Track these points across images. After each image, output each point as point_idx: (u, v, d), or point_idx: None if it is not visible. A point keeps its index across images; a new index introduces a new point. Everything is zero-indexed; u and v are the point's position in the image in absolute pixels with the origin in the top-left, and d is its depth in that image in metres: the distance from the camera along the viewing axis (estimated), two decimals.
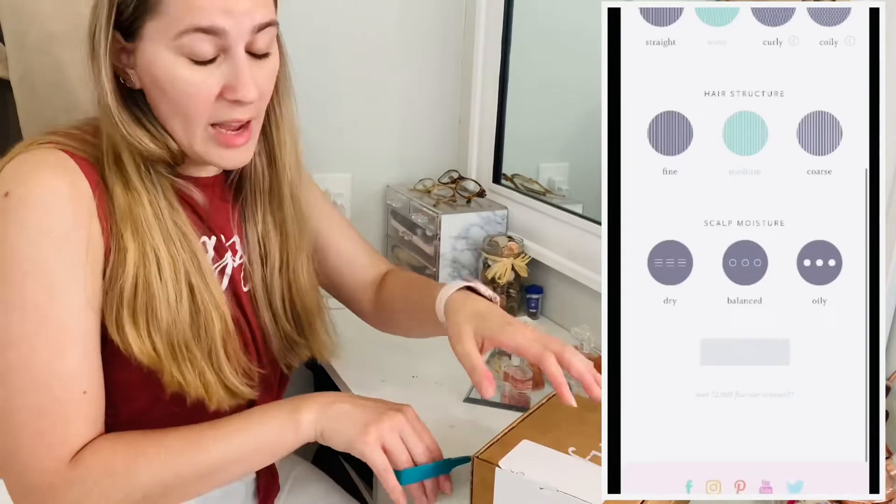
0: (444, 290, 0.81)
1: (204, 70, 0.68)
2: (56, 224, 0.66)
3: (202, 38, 0.67)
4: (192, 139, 0.72)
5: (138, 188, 0.71)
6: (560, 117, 1.50)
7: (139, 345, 0.70)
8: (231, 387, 0.76)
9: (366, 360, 1.07)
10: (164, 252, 0.71)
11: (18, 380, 0.65)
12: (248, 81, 0.69)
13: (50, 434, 0.66)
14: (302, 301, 0.87)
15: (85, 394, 0.67)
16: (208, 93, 0.69)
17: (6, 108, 1.04)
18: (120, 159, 0.71)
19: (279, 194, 0.84)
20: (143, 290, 0.70)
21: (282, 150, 0.82)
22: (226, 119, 0.71)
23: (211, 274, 0.76)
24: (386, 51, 1.44)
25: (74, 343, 0.67)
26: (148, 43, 0.68)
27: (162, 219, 0.72)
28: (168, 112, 0.71)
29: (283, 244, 0.85)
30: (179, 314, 0.72)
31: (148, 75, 0.70)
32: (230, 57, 0.69)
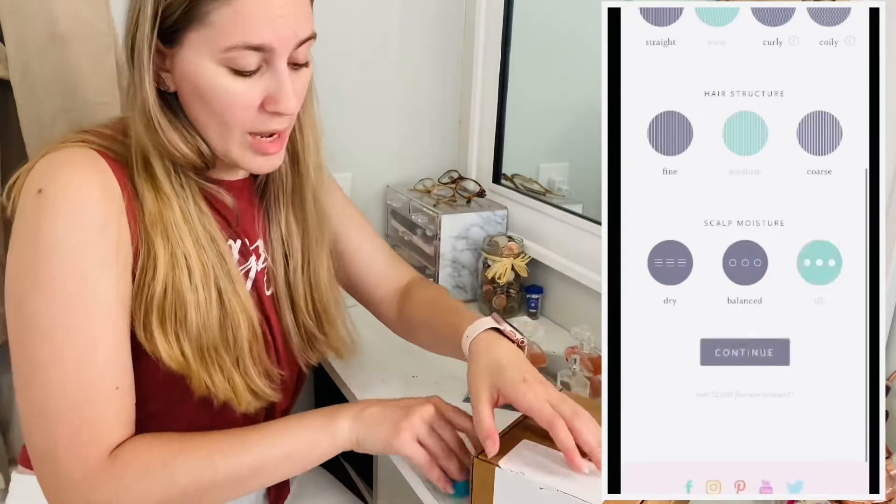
0: (471, 329, 0.80)
1: (247, 81, 0.69)
2: (88, 218, 0.66)
3: (249, 53, 0.67)
4: (228, 145, 0.73)
5: (168, 192, 0.72)
6: (560, 117, 1.50)
7: (168, 350, 0.70)
8: (256, 389, 0.77)
9: (366, 360, 1.07)
10: (194, 257, 0.72)
11: (54, 372, 0.65)
12: (290, 94, 0.70)
13: (87, 429, 0.66)
14: (322, 298, 0.88)
15: (118, 389, 0.68)
16: (250, 103, 0.70)
17: (6, 108, 1.04)
18: (150, 163, 0.72)
19: (301, 194, 0.85)
20: (174, 295, 0.70)
21: (305, 151, 0.83)
22: (264, 129, 0.72)
23: (239, 278, 0.77)
24: (386, 51, 1.44)
25: (105, 335, 0.67)
26: (189, 51, 0.68)
27: (191, 223, 0.73)
28: (206, 118, 0.71)
29: (305, 243, 0.86)
30: (209, 319, 0.73)
31: (187, 82, 0.70)
32: (273, 69, 0.69)
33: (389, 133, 1.50)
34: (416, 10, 1.44)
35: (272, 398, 0.80)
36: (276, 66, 0.69)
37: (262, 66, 0.69)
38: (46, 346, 0.65)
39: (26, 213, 0.67)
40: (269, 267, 0.85)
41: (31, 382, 0.66)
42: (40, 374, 0.65)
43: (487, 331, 0.79)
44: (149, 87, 0.69)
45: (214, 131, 0.72)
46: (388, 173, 1.51)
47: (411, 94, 1.49)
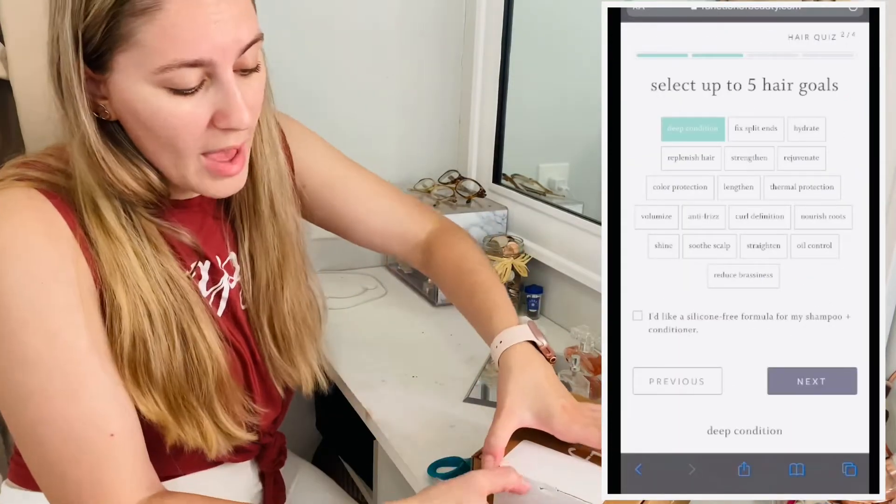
0: (506, 336, 0.78)
1: (191, 100, 0.62)
2: (42, 267, 0.62)
3: (187, 70, 0.60)
4: (184, 172, 0.66)
5: (120, 236, 0.66)
6: (560, 117, 1.50)
7: (143, 403, 0.67)
8: (227, 431, 0.74)
9: (366, 360, 1.07)
10: (154, 303, 0.67)
11: (44, 432, 0.63)
12: (240, 107, 0.63)
13: (90, 483, 0.63)
14: (283, 326, 0.82)
15: (113, 437, 0.64)
16: (198, 124, 0.63)
17: (6, 108, 1.04)
18: (97, 206, 0.65)
19: (258, 208, 0.78)
20: (141, 347, 0.66)
21: (260, 159, 0.76)
22: (218, 147, 0.66)
23: (204, 316, 0.71)
24: (386, 51, 1.44)
25: (85, 385, 0.63)
26: (121, 75, 0.61)
27: (147, 266, 0.68)
28: (154, 147, 0.65)
29: (265, 264, 0.80)
30: (172, 366, 0.68)
31: (126, 110, 0.63)
32: (218, 82, 0.62)
33: (389, 133, 1.50)
34: (416, 9, 1.44)
35: (247, 439, 0.77)
36: (221, 78, 0.62)
37: (206, 81, 0.62)
38: (31, 408, 0.63)
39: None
40: (244, 280, 0.81)
41: (29, 443, 0.64)
42: (34, 436, 0.63)
43: (524, 344, 0.77)
44: (86, 120, 0.62)
45: (166, 160, 0.65)
46: (388, 173, 1.50)
47: (411, 93, 1.49)
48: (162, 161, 0.66)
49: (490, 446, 0.70)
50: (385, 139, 1.49)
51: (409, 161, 1.52)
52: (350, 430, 1.22)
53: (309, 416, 1.51)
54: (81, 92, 0.61)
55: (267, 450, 0.89)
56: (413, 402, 0.98)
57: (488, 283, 0.87)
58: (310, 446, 1.52)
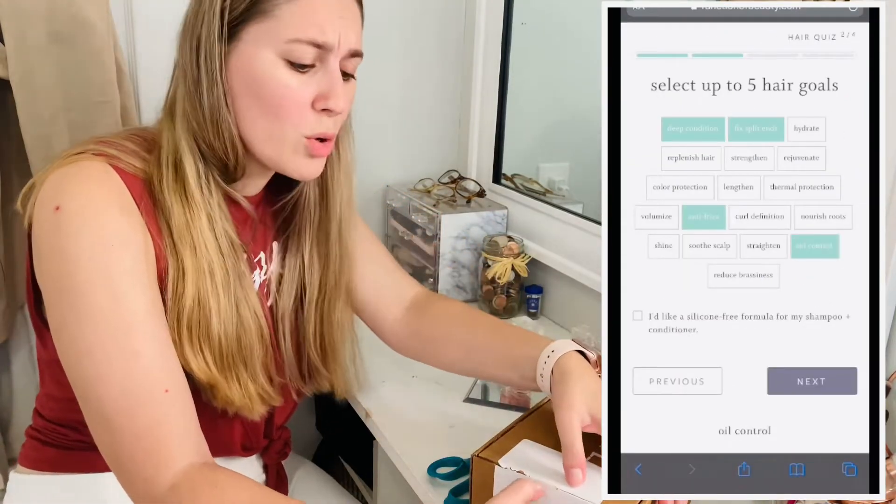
0: (557, 346, 0.77)
1: (301, 77, 0.70)
2: (112, 233, 0.66)
3: (309, 48, 0.69)
4: (280, 145, 0.73)
5: (196, 198, 0.72)
6: (560, 117, 1.50)
7: (196, 362, 0.71)
8: (264, 395, 0.78)
9: (366, 360, 1.07)
10: (217, 263, 0.72)
11: (102, 389, 0.65)
12: (341, 93, 0.72)
13: (145, 437, 0.65)
14: (332, 334, 0.88)
15: (167, 392, 0.67)
16: (303, 98, 0.71)
17: (6, 108, 1.04)
18: (182, 168, 0.71)
19: (327, 229, 0.85)
20: (201, 306, 0.71)
21: (336, 186, 0.84)
22: (315, 131, 0.73)
23: (250, 284, 0.77)
24: (386, 51, 1.44)
25: (144, 344, 0.67)
26: (248, 45, 0.69)
27: (216, 229, 0.73)
28: (256, 115, 0.72)
29: (323, 277, 0.87)
30: (229, 327, 0.73)
31: (243, 77, 0.70)
32: (326, 69, 0.71)
33: (389, 133, 1.50)
34: (416, 9, 1.44)
35: (277, 402, 0.81)
36: (330, 66, 0.71)
37: (316, 65, 0.71)
38: (89, 365, 0.65)
39: (46, 233, 0.67)
40: (269, 281, 0.85)
41: (88, 399, 0.67)
42: (93, 391, 0.66)
43: (576, 353, 0.77)
44: (220, 77, 0.70)
45: (266, 131, 0.72)
46: (388, 173, 1.51)
47: (411, 93, 1.49)
48: (258, 132, 0.72)
49: (574, 458, 0.65)
50: (385, 139, 1.49)
51: (409, 161, 1.52)
52: (350, 430, 1.22)
53: (309, 416, 1.51)
54: (221, 57, 0.70)
55: (273, 444, 0.92)
56: (413, 402, 0.98)
57: (505, 324, 0.89)
58: (310, 446, 1.52)
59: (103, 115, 1.04)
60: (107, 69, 1.04)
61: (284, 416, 0.91)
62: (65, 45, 1.00)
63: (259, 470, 0.93)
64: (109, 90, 1.04)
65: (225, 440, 0.82)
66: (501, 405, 0.98)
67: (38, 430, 0.83)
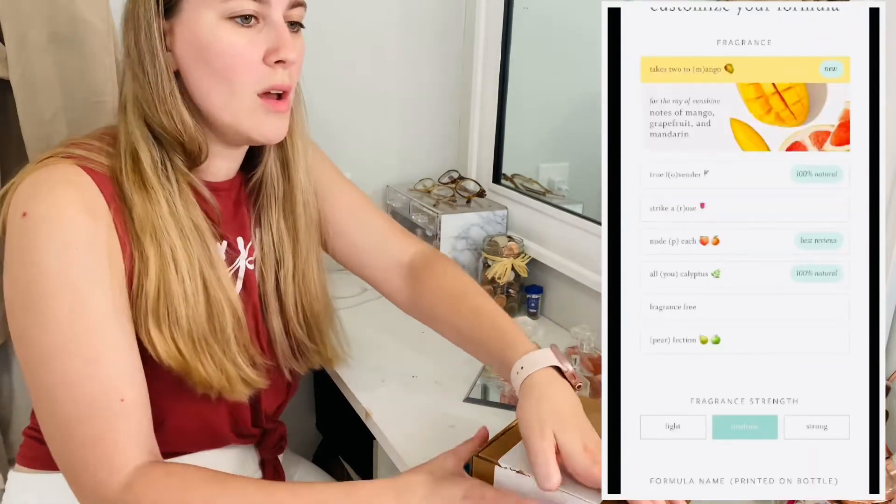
0: (527, 362, 0.73)
1: (247, 33, 0.70)
2: (77, 237, 0.66)
3: (247, 2, 0.69)
4: (238, 110, 0.72)
5: (155, 186, 0.72)
6: (560, 117, 1.50)
7: (164, 347, 0.71)
8: (246, 377, 0.78)
9: (366, 360, 1.07)
10: (179, 248, 0.72)
11: (60, 392, 0.66)
12: (290, 43, 0.72)
13: (99, 444, 0.66)
14: (312, 306, 0.88)
15: (123, 402, 0.67)
16: (252, 55, 0.71)
17: (6, 108, 1.04)
18: (137, 157, 0.71)
19: (292, 201, 0.85)
20: (165, 292, 0.71)
21: (296, 155, 0.84)
22: (270, 85, 0.73)
23: (222, 266, 0.77)
24: (386, 51, 1.44)
25: (105, 350, 0.67)
26: (189, 13, 0.70)
27: (176, 214, 0.73)
28: (212, 82, 0.72)
29: (295, 249, 0.86)
30: (196, 309, 0.73)
31: (190, 46, 0.70)
32: (269, 23, 0.71)
33: (389, 133, 1.50)
34: (416, 10, 1.44)
35: (261, 385, 0.80)
36: (273, 18, 0.71)
37: (261, 21, 0.71)
38: (50, 370, 0.66)
39: (14, 239, 0.67)
40: (259, 267, 0.85)
41: (44, 404, 0.67)
42: (50, 396, 0.66)
43: (547, 369, 0.72)
44: (164, 65, 0.70)
45: (222, 96, 0.72)
46: (388, 173, 1.51)
47: (411, 93, 1.49)
48: (215, 101, 0.72)
49: (543, 462, 0.63)
50: (385, 139, 1.49)
51: (409, 161, 1.52)
52: (350, 430, 1.22)
53: (309, 416, 1.52)
54: (162, 39, 0.70)
55: (268, 435, 0.91)
56: (413, 402, 0.98)
57: (492, 310, 0.83)
58: (310, 446, 1.52)
59: (103, 115, 1.04)
60: (107, 69, 1.03)
61: (276, 403, 0.89)
62: (65, 45, 1.00)
63: (255, 466, 0.93)
64: (109, 90, 1.04)
65: (213, 427, 0.82)
66: (501, 405, 0.98)
67: (36, 429, 0.84)
